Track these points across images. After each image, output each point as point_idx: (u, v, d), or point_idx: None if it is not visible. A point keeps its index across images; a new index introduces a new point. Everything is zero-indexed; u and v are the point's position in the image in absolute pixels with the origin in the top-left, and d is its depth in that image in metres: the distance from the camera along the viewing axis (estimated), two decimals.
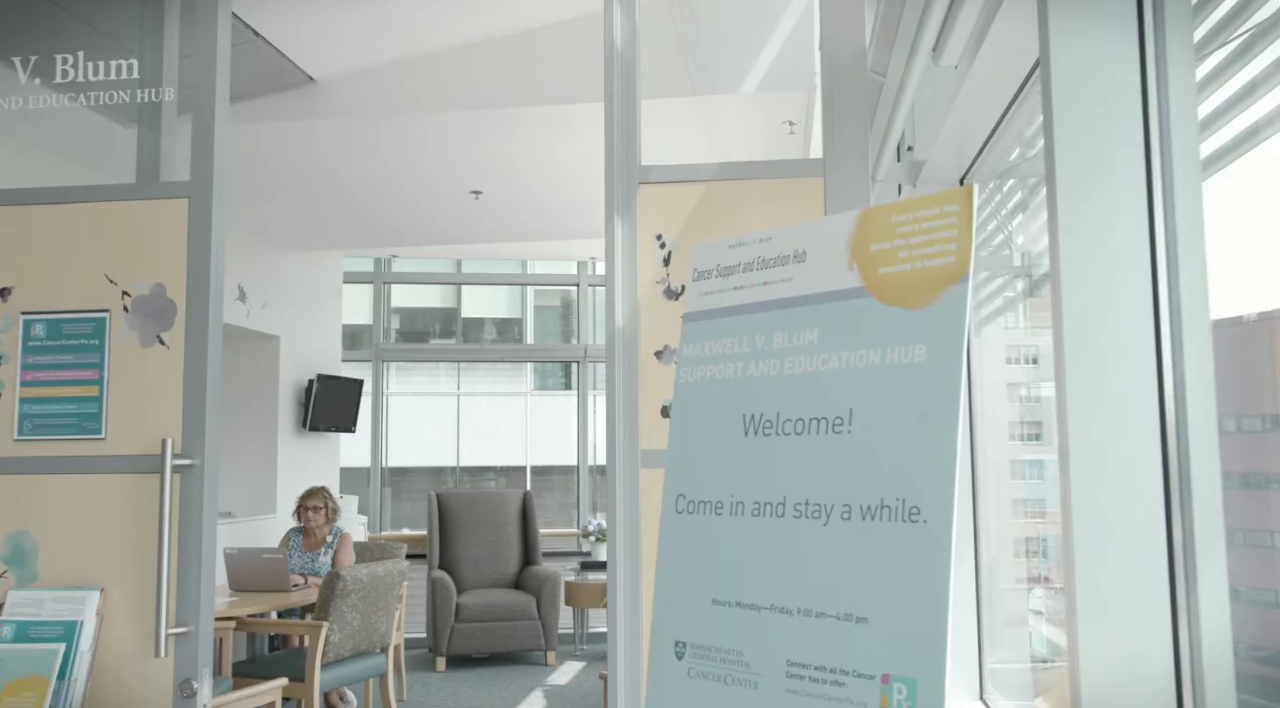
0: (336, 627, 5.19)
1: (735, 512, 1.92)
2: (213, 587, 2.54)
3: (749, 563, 1.86)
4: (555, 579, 7.71)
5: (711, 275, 2.13)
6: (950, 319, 1.69)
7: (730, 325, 2.04)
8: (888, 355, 1.77)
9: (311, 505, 6.27)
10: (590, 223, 6.50)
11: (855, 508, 1.73)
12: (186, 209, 2.61)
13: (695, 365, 2.08)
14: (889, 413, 1.73)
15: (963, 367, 1.66)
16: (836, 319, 1.86)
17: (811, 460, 1.81)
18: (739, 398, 1.97)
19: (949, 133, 3.10)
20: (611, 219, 2.51)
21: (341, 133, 4.84)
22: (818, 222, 1.98)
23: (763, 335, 1.97)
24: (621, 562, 2.44)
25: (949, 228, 1.74)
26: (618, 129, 2.52)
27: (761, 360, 1.96)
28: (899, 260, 1.80)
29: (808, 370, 1.88)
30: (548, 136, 4.79)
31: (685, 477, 2.03)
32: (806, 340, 1.90)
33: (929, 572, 1.61)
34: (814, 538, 1.77)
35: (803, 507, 1.81)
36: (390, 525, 9.05)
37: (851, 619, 1.70)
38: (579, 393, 9.22)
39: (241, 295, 6.64)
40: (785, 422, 1.88)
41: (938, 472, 1.64)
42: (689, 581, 1.96)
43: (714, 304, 2.09)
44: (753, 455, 1.91)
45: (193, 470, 2.55)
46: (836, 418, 1.80)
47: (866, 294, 1.83)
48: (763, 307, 2.00)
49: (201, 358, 2.57)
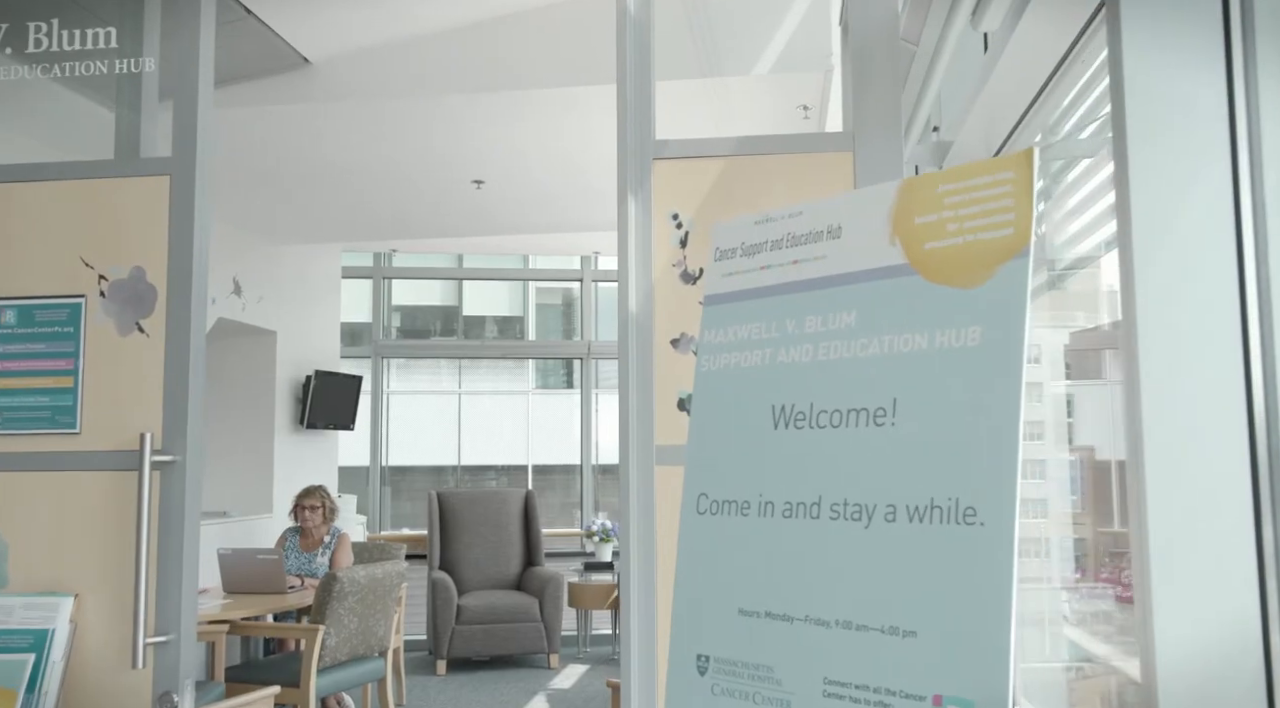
0: (333, 630, 5.02)
1: (764, 512, 1.74)
2: (195, 593, 2.36)
3: (780, 569, 1.68)
4: (558, 580, 7.55)
5: (735, 255, 1.95)
6: (1009, 297, 1.51)
7: (757, 308, 1.86)
8: (936, 339, 1.59)
9: (308, 505, 6.10)
10: (597, 214, 6.32)
11: (901, 509, 1.55)
12: (168, 187, 2.43)
13: (718, 352, 1.90)
14: (938, 403, 1.55)
15: (1024, 350, 1.48)
16: (877, 300, 1.68)
17: (850, 456, 1.64)
18: (767, 387, 1.79)
19: (979, 113, 2.93)
20: (624, 198, 2.33)
21: (338, 119, 4.67)
22: (854, 194, 1.80)
23: (793, 319, 1.80)
24: (635, 566, 2.26)
25: (1005, 197, 1.56)
26: (631, 100, 2.34)
27: (792, 346, 1.78)
28: (948, 234, 1.62)
29: (845, 357, 1.70)
30: (553, 121, 4.60)
31: (707, 474, 1.85)
32: (843, 324, 1.72)
33: (987, 580, 1.43)
34: (854, 542, 1.59)
35: (840, 507, 1.63)
36: (390, 525, 8.90)
37: (898, 633, 1.52)
38: (582, 391, 9.06)
39: (237, 289, 6.47)
40: (819, 413, 1.70)
41: (996, 468, 1.46)
42: (712, 588, 1.78)
43: (738, 285, 1.92)
44: (783, 450, 1.73)
45: (174, 467, 2.37)
46: (878, 409, 1.63)
47: (911, 272, 1.65)
48: (793, 287, 1.82)
49: (183, 347, 2.39)
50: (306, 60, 4.25)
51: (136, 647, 2.25)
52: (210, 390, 6.84)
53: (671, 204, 2.34)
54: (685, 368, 2.29)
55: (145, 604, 2.26)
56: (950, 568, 1.47)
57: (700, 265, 2.32)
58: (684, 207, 2.33)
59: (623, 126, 2.33)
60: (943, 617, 1.47)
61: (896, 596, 1.52)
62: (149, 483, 2.30)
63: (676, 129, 2.52)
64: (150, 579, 2.30)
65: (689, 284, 2.32)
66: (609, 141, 2.48)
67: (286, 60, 4.21)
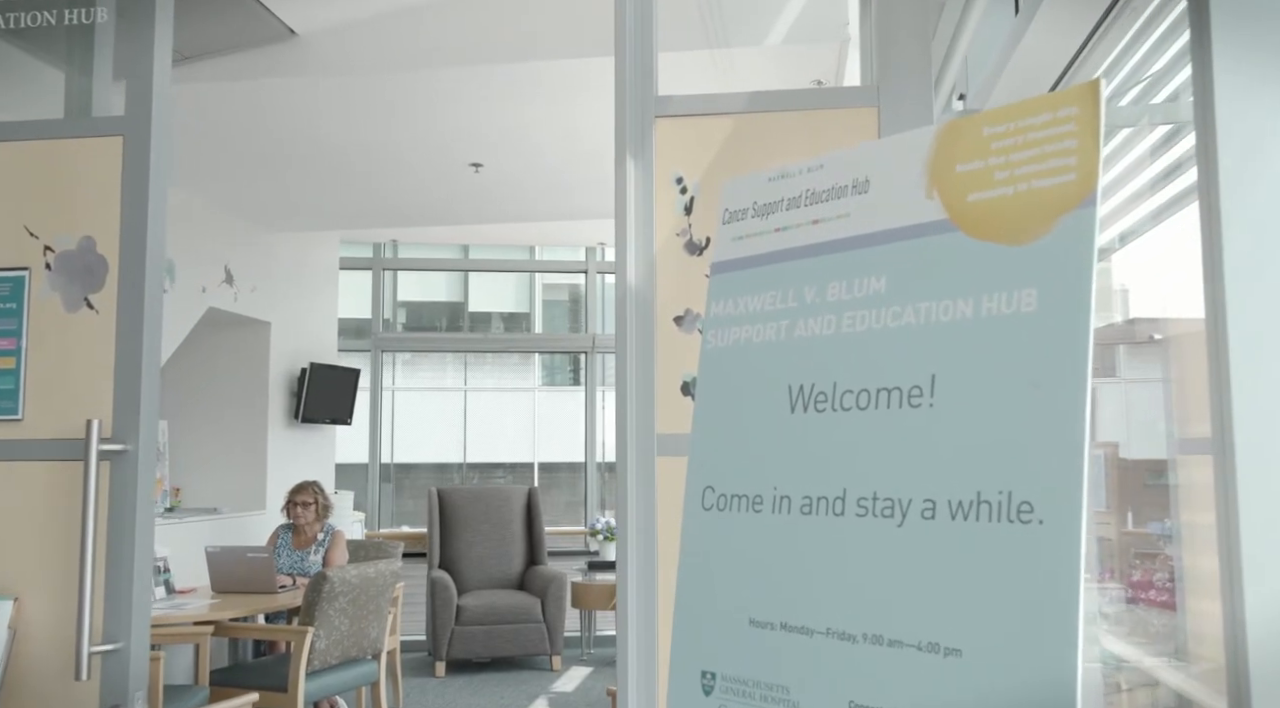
0: (323, 632, 4.80)
1: (779, 508, 1.51)
2: (148, 596, 2.14)
3: (798, 574, 1.45)
4: (561, 580, 7.34)
5: (746, 215, 1.71)
6: (1071, 253, 1.28)
7: (771, 275, 1.63)
8: (984, 305, 1.35)
9: (301, 501, 5.88)
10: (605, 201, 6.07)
11: (941, 504, 1.32)
12: (120, 149, 2.21)
13: (726, 326, 1.67)
14: (986, 379, 1.32)
15: (1091, 315, 1.24)
16: (912, 262, 1.45)
17: (880, 443, 1.40)
18: (783, 365, 1.56)
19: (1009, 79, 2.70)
20: (623, 159, 2.10)
21: (327, 97, 4.44)
22: (885, 142, 1.57)
23: (814, 286, 1.56)
24: (633, 568, 2.03)
25: (1066, 137, 1.33)
26: (630, 50, 2.10)
27: (812, 317, 1.55)
28: (996, 183, 1.39)
29: (874, 328, 1.46)
30: (556, 98, 4.37)
31: (714, 465, 1.62)
32: (872, 290, 1.49)
33: (1048, 588, 1.20)
34: (886, 543, 1.36)
35: (869, 502, 1.40)
36: (392, 523, 8.71)
37: (938, 651, 1.28)
38: (587, 386, 8.85)
39: (229, 278, 6.26)
40: (844, 394, 1.47)
41: (1058, 455, 1.23)
42: (719, 595, 1.55)
43: (750, 250, 1.68)
44: (802, 437, 1.50)
45: (125, 457, 2.14)
46: (914, 388, 1.39)
47: (952, 228, 1.41)
48: (813, 250, 1.58)
49: (136, 325, 2.17)
50: (292, 32, 4.03)
51: (81, 656, 2.02)
52: (201, 382, 6.65)
53: (675, 166, 2.11)
54: (690, 348, 2.06)
55: (90, 609, 2.04)
56: (1002, 574, 1.24)
57: (707, 234, 2.09)
58: (689, 169, 2.10)
59: (621, 79, 2.10)
60: (993, 633, 1.24)
61: (936, 607, 1.29)
62: (96, 474, 2.08)
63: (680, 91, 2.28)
64: (97, 581, 2.08)
65: (695, 255, 2.09)
66: None
67: (271, 31, 3.99)
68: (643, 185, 2.11)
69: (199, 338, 6.29)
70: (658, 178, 2.11)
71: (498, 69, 4.08)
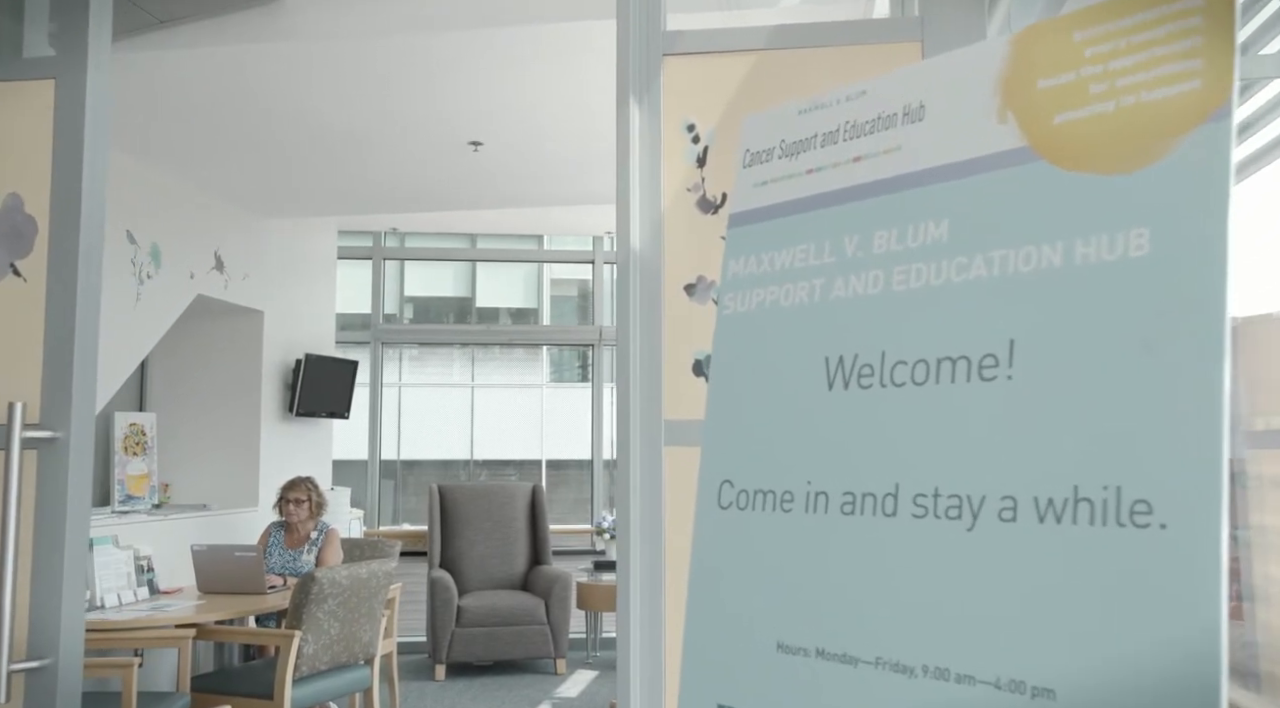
0: (311, 637, 4.54)
1: (814, 507, 1.23)
2: (81, 604, 1.87)
3: (839, 589, 1.17)
4: (566, 580, 7.09)
5: (772, 156, 1.43)
6: (1199, 180, 0.99)
7: (803, 225, 1.35)
8: (1077, 251, 1.07)
9: (293, 498, 5.63)
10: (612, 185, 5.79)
11: (1024, 502, 1.03)
12: (52, 94, 1.93)
13: (747, 289, 1.39)
14: (1082, 343, 1.04)
15: (1228, 255, 0.96)
16: (982, 201, 1.17)
17: (944, 426, 1.12)
18: (819, 333, 1.28)
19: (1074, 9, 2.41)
20: (624, 103, 1.82)
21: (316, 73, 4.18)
22: (943, 59, 1.28)
23: (856, 236, 1.28)
24: (637, 576, 1.75)
25: (1187, 35, 1.04)
26: None
27: (854, 274, 1.27)
28: (1092, 99, 1.10)
29: (932, 284, 1.18)
30: (557, 68, 4.08)
31: (733, 455, 1.34)
32: (930, 238, 1.20)
33: (1175, 610, 0.91)
34: (951, 551, 1.08)
35: (929, 500, 1.11)
36: (393, 521, 8.49)
37: (1023, 691, 1.00)
38: (594, 382, 8.62)
39: (219, 264, 6.00)
40: (895, 366, 1.19)
41: (1184, 439, 0.94)
42: (740, 612, 1.27)
43: (776, 196, 1.40)
44: (842, 420, 1.22)
45: (55, 446, 1.87)
46: (986, 357, 1.11)
47: (1033, 157, 1.13)
48: (855, 193, 1.30)
49: (69, 294, 1.90)
50: None
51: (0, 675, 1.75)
52: (190, 373, 6.40)
53: (686, 113, 1.82)
54: (704, 321, 1.78)
55: (11, 620, 1.77)
56: (1109, 593, 0.96)
57: (723, 189, 1.81)
58: (702, 116, 1.82)
59: (624, 12, 1.82)
60: (1097, 669, 0.95)
61: (1020, 633, 1.01)
62: (19, 464, 1.81)
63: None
64: (20, 588, 1.81)
65: (708, 214, 1.81)
66: None
67: None
68: (648, 135, 1.82)
69: (187, 327, 6.05)
70: (666, 126, 1.83)
71: (495, 34, 3.80)
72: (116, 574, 5.00)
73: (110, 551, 4.98)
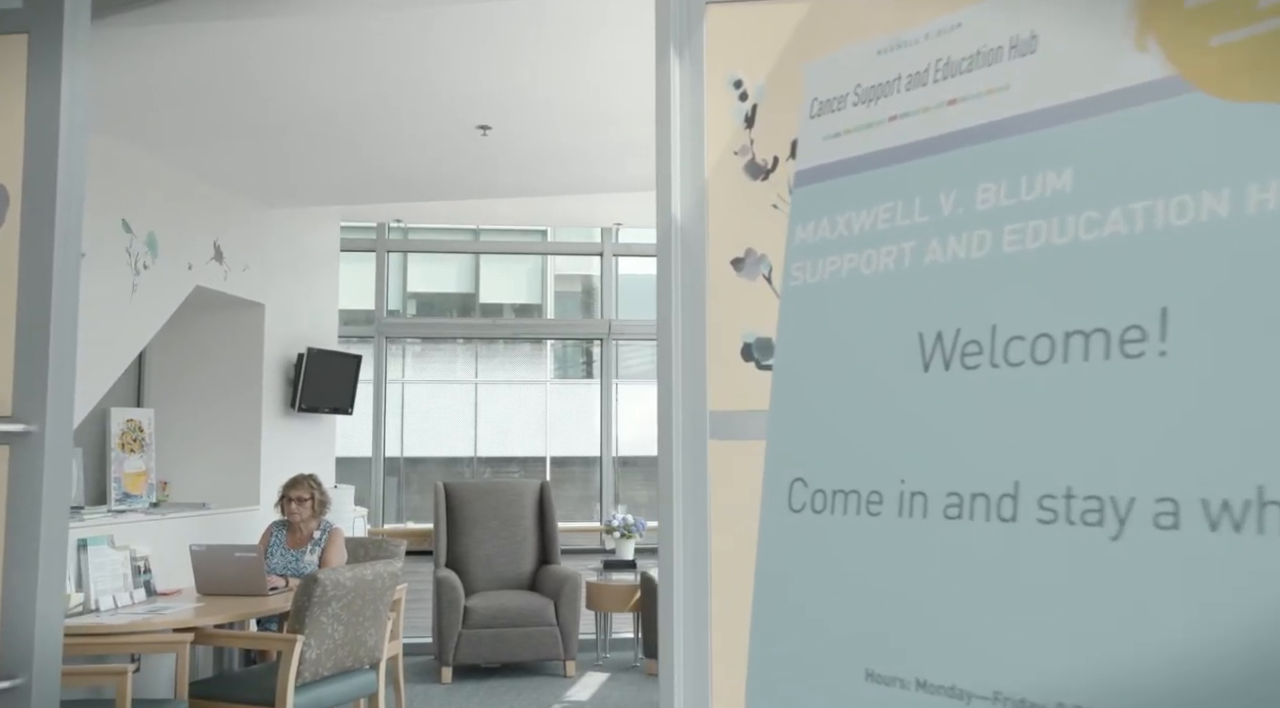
0: (314, 641, 4.36)
1: (909, 510, 1.03)
2: (59, 614, 1.68)
3: (944, 608, 0.98)
4: (575, 580, 6.93)
5: (845, 103, 1.24)
6: None
7: (887, 181, 1.16)
8: (1250, 197, 0.87)
9: (296, 496, 5.45)
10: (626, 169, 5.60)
11: (1190, 506, 0.84)
12: (24, 51, 1.74)
13: (819, 256, 1.20)
14: (1260, 310, 0.85)
15: None
16: (1116, 144, 0.97)
17: (1076, 413, 0.93)
18: (910, 305, 1.09)
19: None
20: (665, 58, 1.63)
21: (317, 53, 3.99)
22: None
23: (954, 191, 1.09)
24: (680, 581, 1.55)
25: None
26: None
27: (953, 235, 1.07)
28: (1259, 14, 0.91)
29: (1054, 244, 0.99)
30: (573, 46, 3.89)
31: (806, 451, 1.15)
32: (1050, 190, 1.01)
33: None
34: (1091, 564, 0.89)
35: (1059, 503, 0.92)
36: (397, 519, 8.34)
37: None
38: (603, 377, 8.48)
39: (218, 255, 5.82)
40: (1011, 342, 1.00)
41: None
42: (817, 635, 1.08)
43: (852, 149, 1.21)
44: (943, 407, 1.03)
45: (28, 441, 1.68)
46: (1130, 329, 0.92)
47: (1185, 87, 0.94)
48: (950, 142, 1.11)
49: (43, 277, 1.71)
50: None
51: None
52: (189, 367, 6.22)
53: (732, 67, 1.63)
54: (754, 299, 1.59)
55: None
56: None
57: (774, 153, 1.61)
58: (750, 69, 1.62)
59: None
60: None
61: (1186, 664, 0.82)
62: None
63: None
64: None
65: (758, 179, 1.61)
66: (644, 75, 1.78)
67: None
68: (690, 92, 1.63)
69: (186, 319, 5.87)
70: (709, 82, 1.64)
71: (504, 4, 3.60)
72: (112, 576, 4.84)
73: (106, 551, 4.82)
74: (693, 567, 1.57)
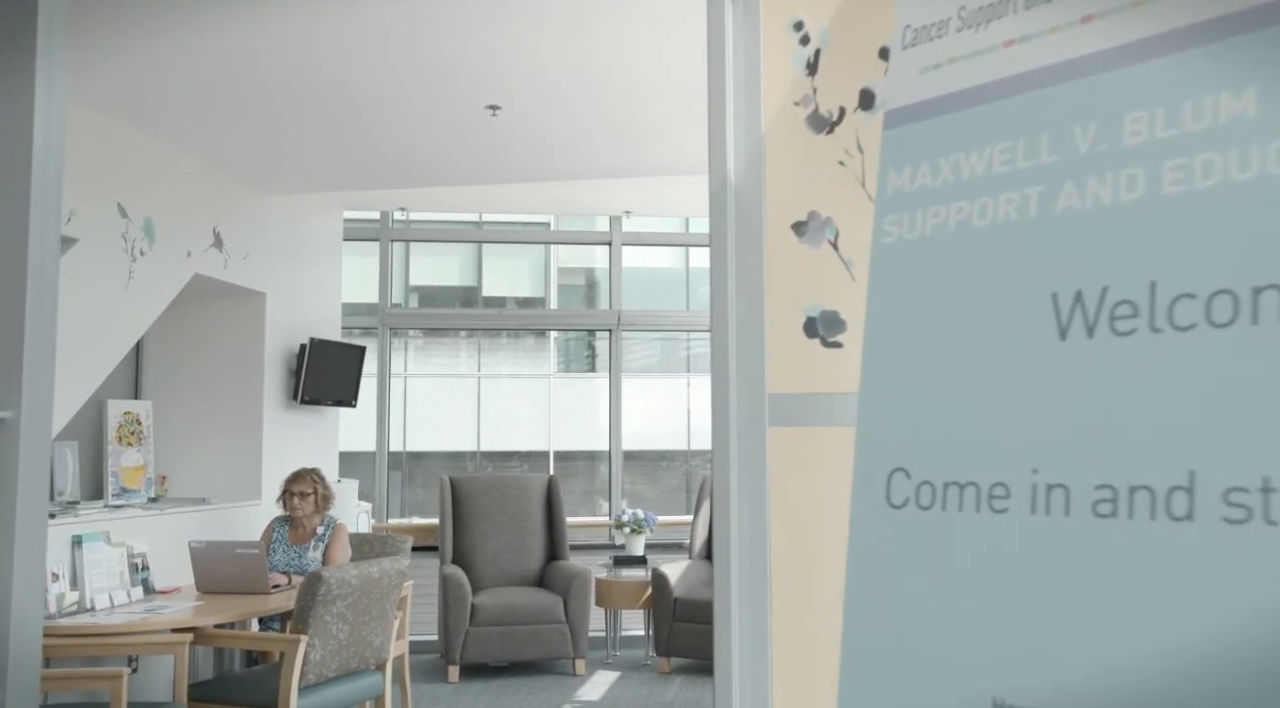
0: (318, 641, 4.21)
1: (1045, 506, 0.86)
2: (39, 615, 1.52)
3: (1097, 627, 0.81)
4: (585, 577, 6.81)
5: (947, 29, 1.05)
6: None
7: (1002, 116, 0.97)
8: None
9: (298, 491, 5.31)
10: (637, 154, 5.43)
11: None
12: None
13: (917, 208, 1.02)
14: None
15: None
16: None
17: (1269, 389, 0.75)
18: (1038, 261, 0.91)
19: None
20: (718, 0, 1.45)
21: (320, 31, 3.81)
22: None
23: (1093, 123, 0.90)
24: (736, 580, 1.38)
25: None
26: None
27: (1094, 176, 0.89)
28: None
29: (1234, 181, 0.81)
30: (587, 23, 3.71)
31: (907, 436, 0.97)
32: (1225, 116, 0.83)
33: None
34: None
35: (1254, 498, 0.74)
36: (401, 514, 8.23)
37: None
38: (611, 370, 8.37)
39: (218, 242, 5.66)
40: (1178, 302, 0.82)
41: None
42: (931, 657, 0.91)
43: (956, 82, 1.03)
44: (1087, 381, 0.85)
45: (3, 428, 1.50)
46: None
47: None
48: (1084, 66, 0.93)
49: (19, 256, 1.54)
50: None
51: None
52: (188, 357, 6.07)
53: (791, 7, 1.45)
54: (817, 268, 1.41)
55: None
56: None
57: (840, 103, 1.43)
58: (812, 10, 1.44)
59: None
60: None
61: None
62: None
63: None
64: None
65: (823, 133, 1.43)
66: (660, 55, 1.60)
67: None
68: (745, 37, 1.45)
69: (184, 308, 5.71)
70: (765, 25, 1.46)
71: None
72: (108, 573, 4.69)
73: (102, 548, 4.67)
74: (750, 568, 1.39)
